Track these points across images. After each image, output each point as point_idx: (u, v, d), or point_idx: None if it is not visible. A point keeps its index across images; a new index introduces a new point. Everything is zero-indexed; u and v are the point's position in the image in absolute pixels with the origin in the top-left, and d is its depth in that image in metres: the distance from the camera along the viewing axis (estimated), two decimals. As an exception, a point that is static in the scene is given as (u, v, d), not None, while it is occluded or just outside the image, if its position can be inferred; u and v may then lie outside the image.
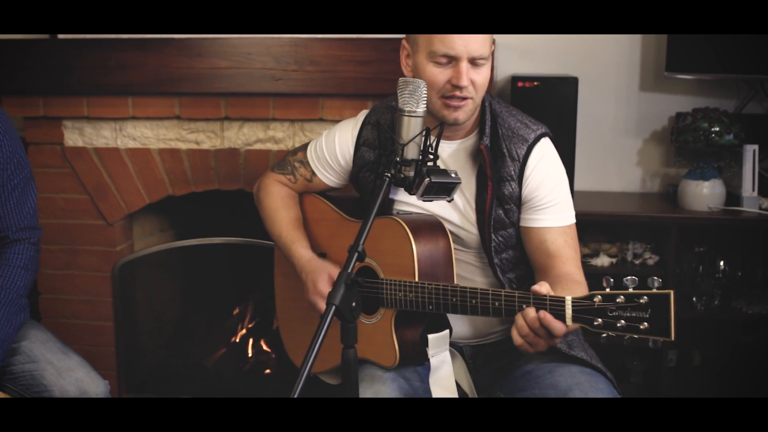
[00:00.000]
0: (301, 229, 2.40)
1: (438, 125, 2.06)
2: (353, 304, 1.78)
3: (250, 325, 3.49)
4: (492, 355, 2.31)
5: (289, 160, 2.47)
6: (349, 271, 1.78)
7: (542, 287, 1.84)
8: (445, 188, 1.95)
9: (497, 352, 2.30)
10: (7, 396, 2.35)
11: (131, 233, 3.27)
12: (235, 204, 3.16)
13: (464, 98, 2.07)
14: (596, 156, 3.20)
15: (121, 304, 3.21)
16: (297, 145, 2.90)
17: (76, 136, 3.09)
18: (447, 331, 2.19)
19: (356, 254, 1.80)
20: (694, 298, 3.02)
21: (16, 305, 2.35)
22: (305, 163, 2.43)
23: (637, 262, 3.04)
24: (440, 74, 2.07)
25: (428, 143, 1.95)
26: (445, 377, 2.17)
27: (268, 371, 3.40)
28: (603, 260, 3.01)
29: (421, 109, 1.95)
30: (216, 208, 3.29)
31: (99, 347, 3.18)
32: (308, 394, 1.66)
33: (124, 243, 3.22)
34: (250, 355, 3.44)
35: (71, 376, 2.34)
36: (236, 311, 3.53)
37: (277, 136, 2.94)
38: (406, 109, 1.94)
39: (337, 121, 2.84)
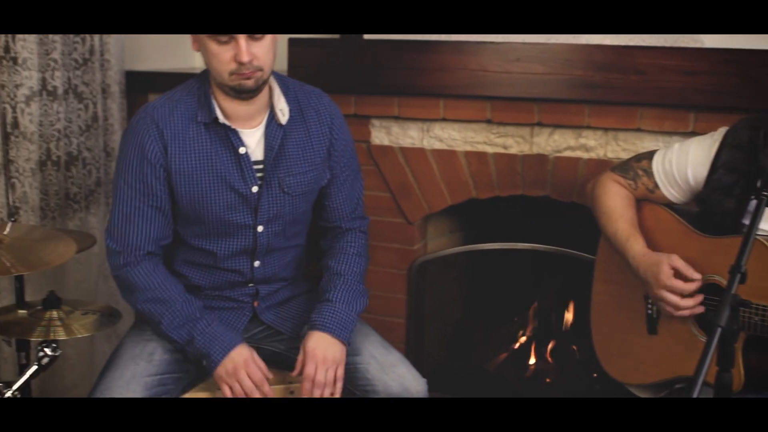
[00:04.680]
0: (638, 229, 2.34)
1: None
2: (735, 326, 1.71)
3: (530, 333, 3.46)
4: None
5: (633, 166, 2.41)
6: (733, 292, 1.70)
7: None
8: (831, 211, 1.85)
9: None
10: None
11: (426, 233, 3.30)
12: (536, 211, 3.13)
13: None
14: None
15: (415, 303, 3.26)
16: (609, 154, 2.84)
17: (382, 134, 3.16)
18: None
19: (738, 275, 1.72)
20: None
21: (355, 291, 2.41)
22: (649, 173, 2.37)
23: None
24: None
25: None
26: None
27: (548, 380, 3.37)
28: None
29: None
30: (500, 212, 3.27)
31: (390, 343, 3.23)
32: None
33: (420, 242, 3.26)
34: (531, 362, 3.41)
35: (394, 372, 2.36)
36: (517, 318, 3.51)
37: (589, 144, 2.88)
38: None
39: (656, 133, 2.79)
